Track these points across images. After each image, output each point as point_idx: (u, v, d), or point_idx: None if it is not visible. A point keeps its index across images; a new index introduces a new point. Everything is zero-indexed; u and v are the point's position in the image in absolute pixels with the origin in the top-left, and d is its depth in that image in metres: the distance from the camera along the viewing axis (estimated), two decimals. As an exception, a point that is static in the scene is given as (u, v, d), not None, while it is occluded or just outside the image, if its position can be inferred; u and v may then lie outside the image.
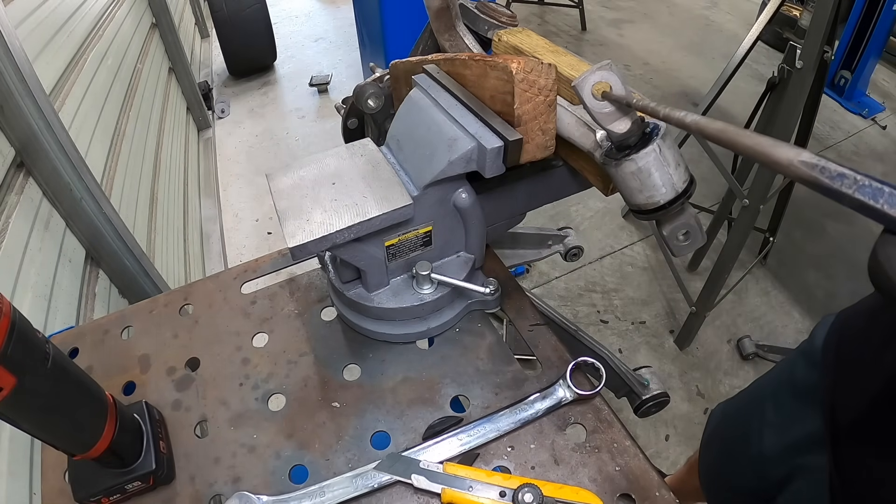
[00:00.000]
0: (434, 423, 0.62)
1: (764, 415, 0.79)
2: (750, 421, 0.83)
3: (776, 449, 0.75)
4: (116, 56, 1.92)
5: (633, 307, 2.15)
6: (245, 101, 3.65)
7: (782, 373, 0.81)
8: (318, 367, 0.69)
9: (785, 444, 0.74)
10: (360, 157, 0.64)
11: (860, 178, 0.29)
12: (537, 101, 0.54)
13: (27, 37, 1.24)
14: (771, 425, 0.77)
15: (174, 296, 0.78)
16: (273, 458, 0.60)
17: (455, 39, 0.73)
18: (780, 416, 0.77)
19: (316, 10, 4.91)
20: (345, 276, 0.68)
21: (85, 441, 0.50)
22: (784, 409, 0.76)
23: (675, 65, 3.62)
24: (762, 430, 0.78)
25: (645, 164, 0.47)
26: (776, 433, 0.76)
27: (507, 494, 0.53)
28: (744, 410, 0.89)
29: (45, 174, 1.12)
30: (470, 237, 0.67)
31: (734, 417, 0.93)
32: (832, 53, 1.39)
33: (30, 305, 0.95)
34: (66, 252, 1.17)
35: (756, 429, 0.80)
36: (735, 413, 0.93)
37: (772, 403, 0.79)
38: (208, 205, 2.72)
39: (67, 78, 1.45)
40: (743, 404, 0.90)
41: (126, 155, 1.72)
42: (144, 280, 1.40)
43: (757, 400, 0.85)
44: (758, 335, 1.98)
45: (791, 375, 0.77)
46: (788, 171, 0.31)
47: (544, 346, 0.69)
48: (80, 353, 0.72)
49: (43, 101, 1.08)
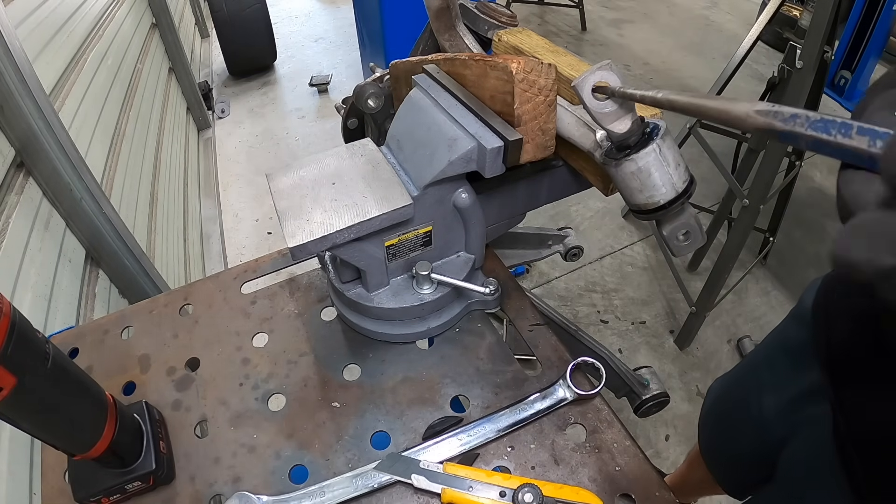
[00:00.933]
0: (434, 423, 0.62)
1: (760, 380, 0.82)
2: (748, 388, 0.85)
3: (776, 408, 0.77)
4: (116, 56, 1.92)
5: (633, 307, 2.15)
6: (245, 101, 3.65)
7: (774, 339, 0.84)
8: (318, 367, 0.69)
9: (784, 402, 0.75)
10: (360, 157, 0.64)
11: (811, 115, 0.29)
12: (537, 101, 0.54)
13: (27, 37, 1.24)
14: (768, 387, 0.80)
15: (174, 296, 0.78)
16: (273, 458, 0.60)
17: (455, 39, 0.73)
18: (776, 377, 0.79)
19: (316, 10, 4.91)
20: (345, 276, 0.68)
21: (85, 441, 0.50)
22: (780, 370, 0.79)
23: (676, 65, 3.62)
24: (761, 394, 0.80)
25: (645, 164, 0.47)
26: (774, 393, 0.78)
27: (507, 494, 0.53)
28: (741, 379, 0.92)
29: (45, 174, 1.12)
30: (470, 237, 0.67)
31: (732, 387, 0.95)
32: (832, 53, 1.39)
33: (30, 305, 0.95)
34: (66, 252, 1.17)
35: (754, 394, 0.82)
36: (732, 382, 0.95)
37: (767, 368, 0.82)
38: (208, 205, 2.72)
39: (67, 78, 1.45)
40: (739, 374, 0.93)
41: (126, 155, 1.72)
42: (144, 280, 1.40)
43: (752, 367, 0.88)
44: (758, 335, 1.98)
45: (783, 338, 0.80)
46: (747, 124, 0.33)
47: (544, 346, 0.69)
48: (80, 353, 0.72)
49: (43, 101, 1.08)
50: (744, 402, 0.85)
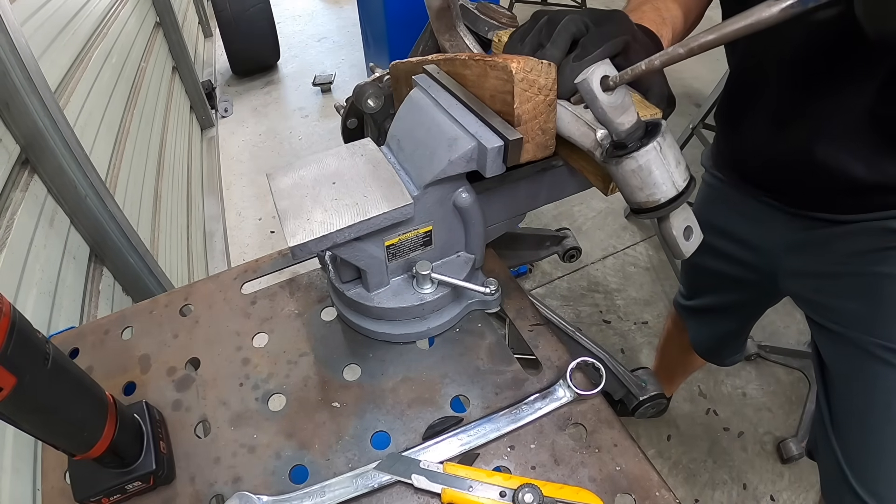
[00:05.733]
0: (434, 423, 0.62)
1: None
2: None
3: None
4: (121, 54, 1.93)
5: (636, 307, 2.14)
6: (248, 100, 3.66)
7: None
8: (318, 367, 0.69)
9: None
10: (361, 156, 0.64)
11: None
12: (537, 100, 0.54)
13: (32, 34, 1.24)
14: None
15: (175, 296, 0.78)
16: (273, 458, 0.61)
17: (455, 40, 0.73)
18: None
19: (319, 10, 4.92)
20: (345, 275, 0.68)
21: (85, 441, 0.50)
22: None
23: (678, 66, 3.53)
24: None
25: (646, 162, 0.47)
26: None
27: (507, 494, 0.53)
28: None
29: (50, 171, 1.12)
30: (470, 237, 0.67)
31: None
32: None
33: (34, 302, 0.96)
34: (71, 249, 1.17)
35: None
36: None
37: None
38: (211, 203, 2.73)
39: (72, 76, 1.46)
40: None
41: (130, 153, 1.73)
42: (148, 277, 1.41)
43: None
44: (759, 335, 1.97)
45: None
46: (780, 18, 0.36)
47: (544, 346, 0.69)
48: (81, 353, 0.72)
49: (48, 98, 1.09)
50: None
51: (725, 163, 0.97)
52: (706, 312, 1.22)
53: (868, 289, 0.78)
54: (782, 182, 0.84)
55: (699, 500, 1.61)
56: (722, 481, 1.65)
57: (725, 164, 0.97)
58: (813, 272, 0.88)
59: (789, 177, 0.81)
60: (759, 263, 0.97)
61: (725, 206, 0.97)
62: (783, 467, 1.67)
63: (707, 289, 1.18)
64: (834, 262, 0.83)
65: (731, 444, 1.73)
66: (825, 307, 0.86)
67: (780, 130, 0.77)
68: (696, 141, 1.83)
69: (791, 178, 0.81)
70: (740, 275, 1.03)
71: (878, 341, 0.75)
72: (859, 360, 0.78)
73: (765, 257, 0.95)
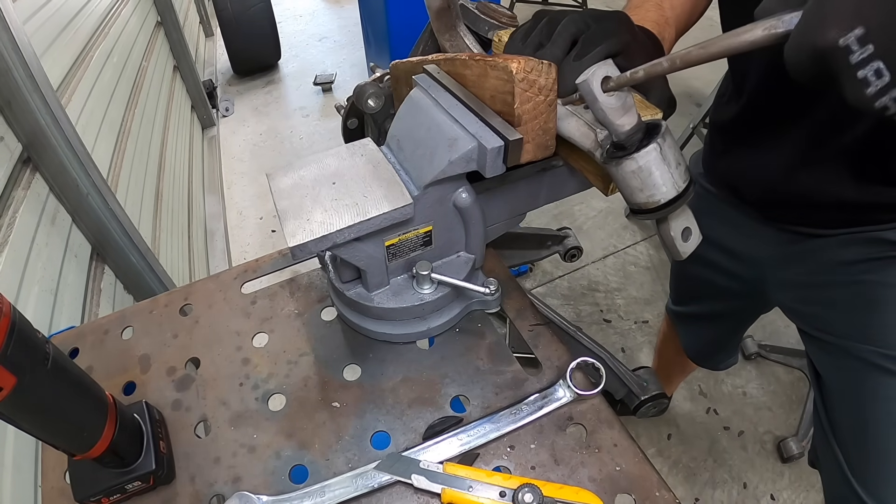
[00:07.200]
0: (434, 423, 0.62)
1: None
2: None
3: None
4: (122, 53, 1.93)
5: (636, 306, 2.14)
6: (249, 99, 3.66)
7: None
8: (318, 367, 0.69)
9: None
10: (361, 156, 0.64)
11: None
12: (537, 100, 0.54)
13: (35, 33, 1.24)
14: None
15: (174, 296, 0.78)
16: (273, 458, 0.61)
17: (455, 39, 0.73)
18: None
19: (320, 10, 4.92)
20: (345, 275, 0.68)
21: (85, 441, 0.50)
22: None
23: None
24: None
25: (646, 163, 0.47)
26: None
27: (507, 494, 0.53)
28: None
29: (52, 169, 1.13)
30: (470, 237, 0.67)
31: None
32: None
33: (36, 300, 0.96)
34: (73, 247, 1.17)
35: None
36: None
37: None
38: (212, 202, 2.73)
39: (74, 74, 1.46)
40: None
41: (131, 151, 1.73)
42: (149, 276, 1.41)
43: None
44: (760, 335, 1.97)
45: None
46: (764, 40, 0.36)
47: (544, 346, 0.69)
48: (81, 353, 0.72)
49: (50, 96, 1.09)
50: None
51: (715, 178, 0.95)
52: (695, 319, 1.22)
53: (861, 298, 0.77)
54: (774, 203, 0.83)
55: (699, 499, 1.61)
56: (722, 480, 1.65)
57: (716, 179, 0.95)
58: (802, 283, 0.87)
59: (781, 199, 0.81)
60: (747, 274, 0.96)
61: (713, 216, 0.95)
62: (783, 466, 1.67)
63: (695, 296, 1.18)
64: (822, 273, 0.82)
65: (732, 443, 1.73)
66: (816, 317, 0.86)
67: (768, 156, 0.77)
68: (696, 141, 1.84)
69: (781, 199, 0.80)
70: (727, 284, 1.02)
71: (876, 349, 0.74)
72: (857, 370, 0.78)
73: (752, 268, 0.94)
